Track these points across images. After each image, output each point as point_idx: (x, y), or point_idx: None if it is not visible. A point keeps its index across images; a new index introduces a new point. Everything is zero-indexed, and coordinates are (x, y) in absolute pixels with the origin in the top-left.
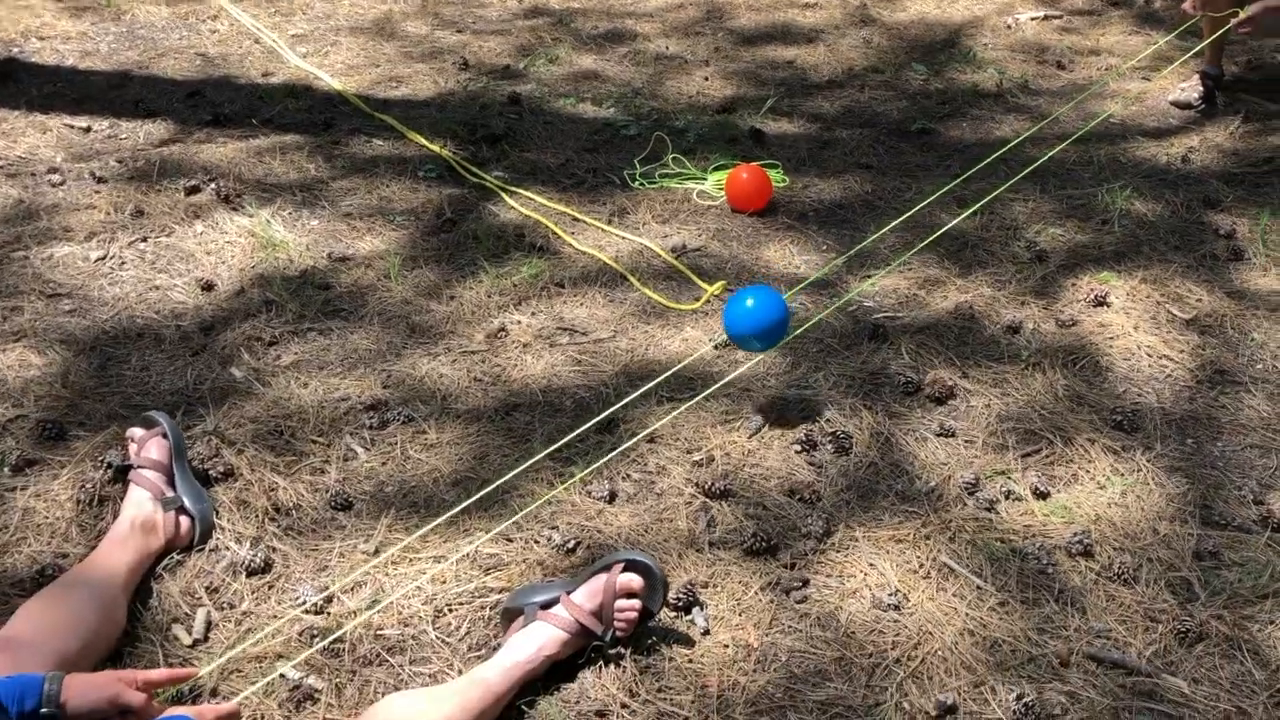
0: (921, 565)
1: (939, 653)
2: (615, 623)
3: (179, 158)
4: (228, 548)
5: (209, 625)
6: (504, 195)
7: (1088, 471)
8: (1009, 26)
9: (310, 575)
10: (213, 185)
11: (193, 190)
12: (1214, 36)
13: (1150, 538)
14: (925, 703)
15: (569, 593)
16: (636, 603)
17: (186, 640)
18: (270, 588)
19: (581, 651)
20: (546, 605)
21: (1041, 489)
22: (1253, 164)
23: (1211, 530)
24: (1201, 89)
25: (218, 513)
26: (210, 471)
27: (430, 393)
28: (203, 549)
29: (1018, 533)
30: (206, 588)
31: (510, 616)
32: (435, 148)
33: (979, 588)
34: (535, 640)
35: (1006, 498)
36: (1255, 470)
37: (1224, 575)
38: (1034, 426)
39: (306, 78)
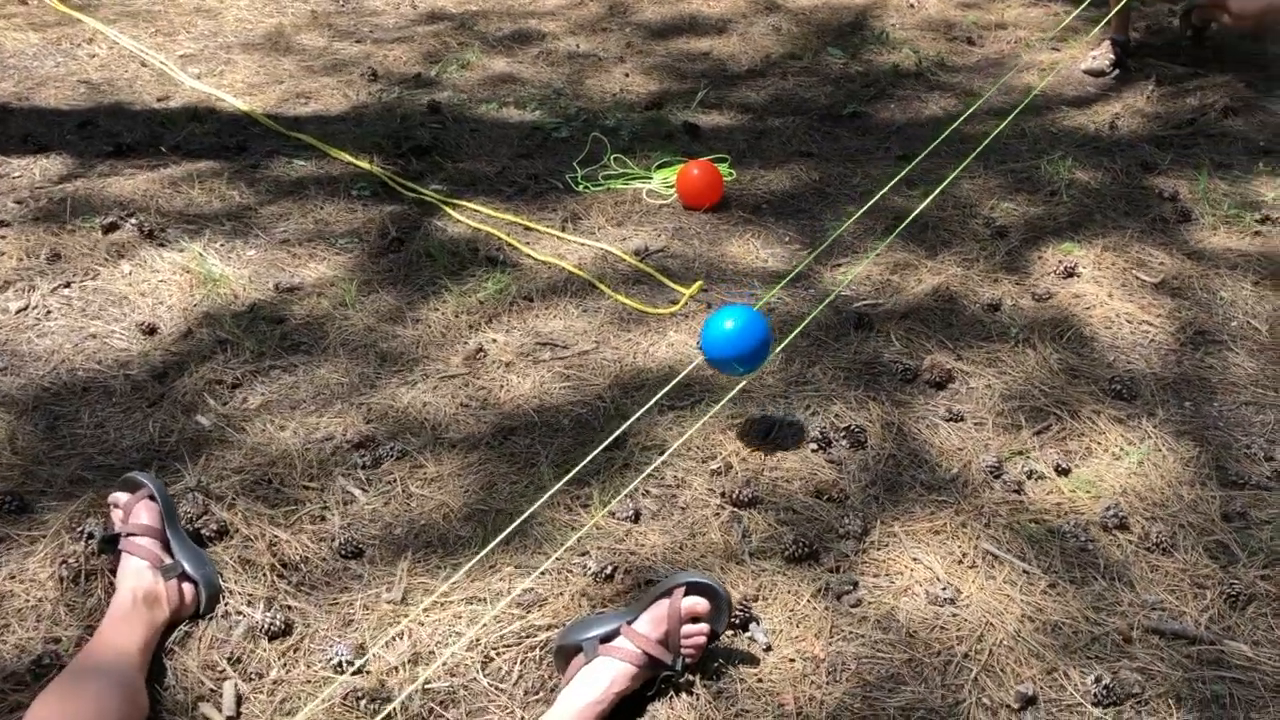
0: (965, 555)
1: (1004, 643)
2: (683, 649)
3: (86, 194)
4: (240, 612)
5: (239, 699)
6: (447, 209)
7: (1100, 444)
8: (912, 5)
9: (336, 632)
10: (132, 220)
11: (111, 228)
12: (1121, 4)
13: (1177, 504)
14: (1004, 696)
15: (629, 622)
16: (704, 626)
17: (219, 719)
18: (296, 650)
19: (650, 683)
20: (606, 639)
21: (1062, 465)
22: (1176, 126)
23: (1232, 491)
24: (1113, 56)
25: (222, 575)
26: (203, 531)
27: (418, 424)
28: (211, 617)
29: (1050, 512)
30: (228, 659)
31: (566, 655)
32: (364, 164)
33: (1026, 572)
34: (604, 677)
35: (1030, 478)
36: (1256, 427)
37: (1256, 535)
38: (1039, 404)
39: (207, 100)
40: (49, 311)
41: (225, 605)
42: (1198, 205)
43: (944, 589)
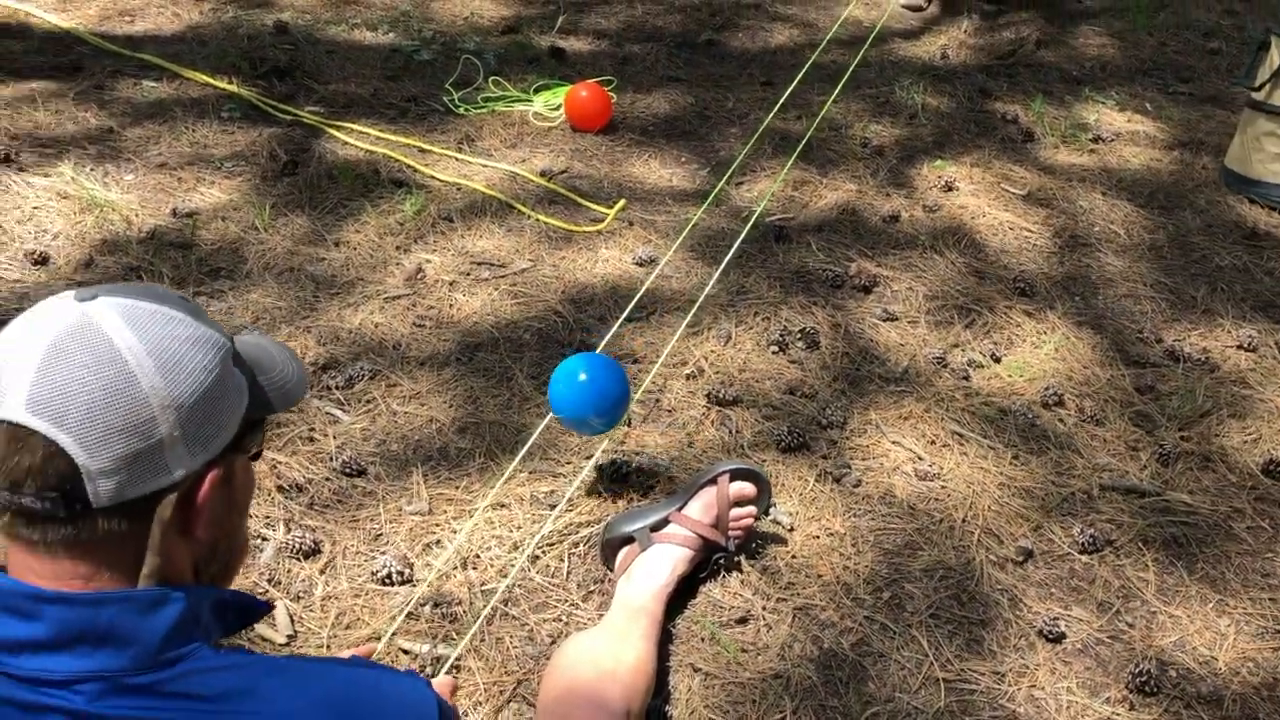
0: (937, 437)
1: (992, 508)
2: (731, 531)
3: None
4: (262, 536)
5: (292, 618)
6: (334, 132)
7: (1019, 335)
8: None
9: (369, 546)
10: None
11: None
12: None
13: (1097, 383)
14: (1007, 551)
15: (679, 509)
16: (751, 509)
17: (279, 639)
18: (333, 567)
19: (702, 565)
20: (656, 527)
21: (995, 354)
22: (1000, 57)
23: (1137, 369)
24: None
25: None
26: None
27: (378, 344)
28: None
29: (996, 394)
30: (268, 580)
31: (613, 547)
32: (228, 86)
33: (991, 447)
34: (667, 561)
35: (971, 366)
36: (1137, 315)
37: (1168, 404)
38: (959, 302)
39: (12, 15)
40: None
41: None
42: (1037, 127)
43: (929, 466)
